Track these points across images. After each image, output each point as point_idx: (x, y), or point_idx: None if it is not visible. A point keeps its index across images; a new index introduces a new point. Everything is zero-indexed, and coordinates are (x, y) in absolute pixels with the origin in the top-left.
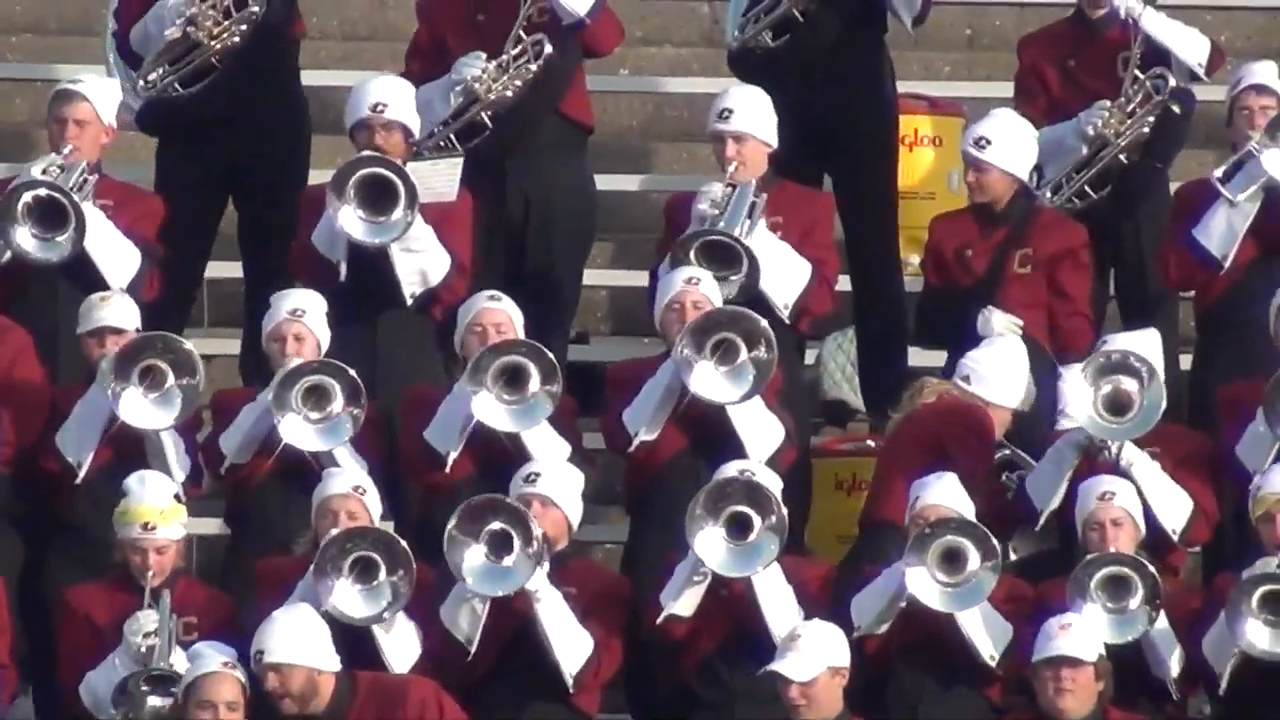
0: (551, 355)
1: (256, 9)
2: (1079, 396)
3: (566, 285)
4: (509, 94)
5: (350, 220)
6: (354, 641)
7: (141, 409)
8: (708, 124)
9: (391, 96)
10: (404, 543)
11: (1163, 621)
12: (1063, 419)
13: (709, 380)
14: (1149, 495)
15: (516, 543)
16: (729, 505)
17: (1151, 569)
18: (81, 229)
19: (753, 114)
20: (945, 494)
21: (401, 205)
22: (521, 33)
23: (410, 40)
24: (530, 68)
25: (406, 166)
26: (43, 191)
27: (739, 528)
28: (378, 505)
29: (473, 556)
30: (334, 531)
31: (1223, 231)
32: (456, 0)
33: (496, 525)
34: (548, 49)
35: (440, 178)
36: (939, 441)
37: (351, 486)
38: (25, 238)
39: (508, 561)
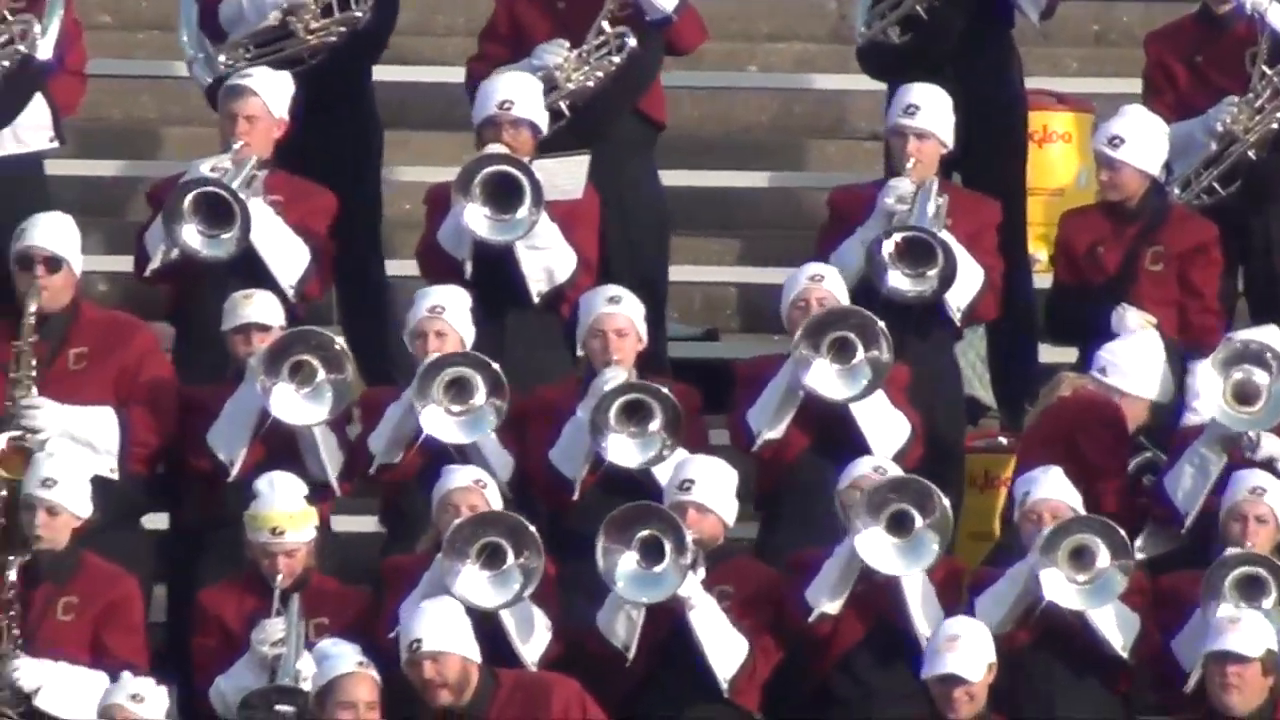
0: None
1: (359, 14)
2: (1209, 388)
3: (654, 279)
4: (589, 84)
5: (476, 218)
6: (486, 632)
7: (293, 404)
8: (888, 118)
9: (520, 94)
10: (532, 527)
11: None
12: (1189, 414)
13: (824, 378)
14: None
15: (668, 549)
16: (892, 503)
17: None
18: (246, 227)
19: (937, 113)
20: (1055, 488)
21: (527, 203)
22: (605, 24)
23: (489, 21)
24: (613, 60)
25: (532, 164)
26: (209, 189)
27: (900, 525)
28: (499, 498)
29: (625, 563)
30: (467, 511)
31: None
32: None
33: (647, 532)
34: (631, 42)
35: (566, 175)
36: (1072, 436)
37: (473, 480)
38: (192, 235)
39: (659, 568)
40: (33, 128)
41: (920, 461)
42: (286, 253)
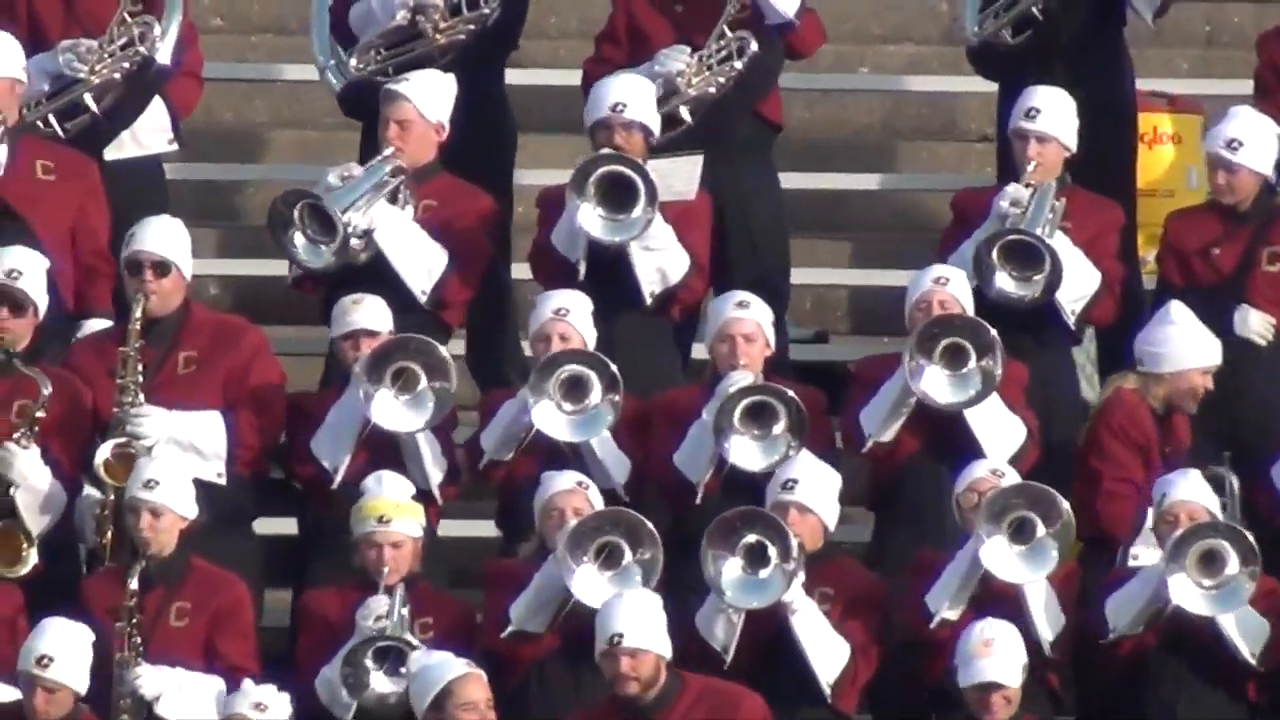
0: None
1: (488, 10)
2: None
3: (774, 281)
4: (711, 90)
5: (590, 218)
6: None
7: (394, 411)
8: (1013, 121)
9: (632, 96)
10: (649, 523)
11: None
12: None
13: (935, 384)
14: None
15: (773, 555)
16: (1015, 510)
17: None
18: (344, 240)
19: (1059, 116)
20: (1193, 490)
21: (641, 203)
22: (726, 28)
23: (607, 24)
24: (735, 65)
25: (646, 164)
26: (311, 200)
27: (1022, 532)
28: (600, 501)
29: (730, 569)
30: (571, 515)
31: None
32: None
33: (752, 538)
34: (753, 46)
35: (679, 175)
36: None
37: (575, 483)
38: (299, 240)
39: (764, 574)
40: (152, 130)
41: (1037, 464)
42: (418, 258)
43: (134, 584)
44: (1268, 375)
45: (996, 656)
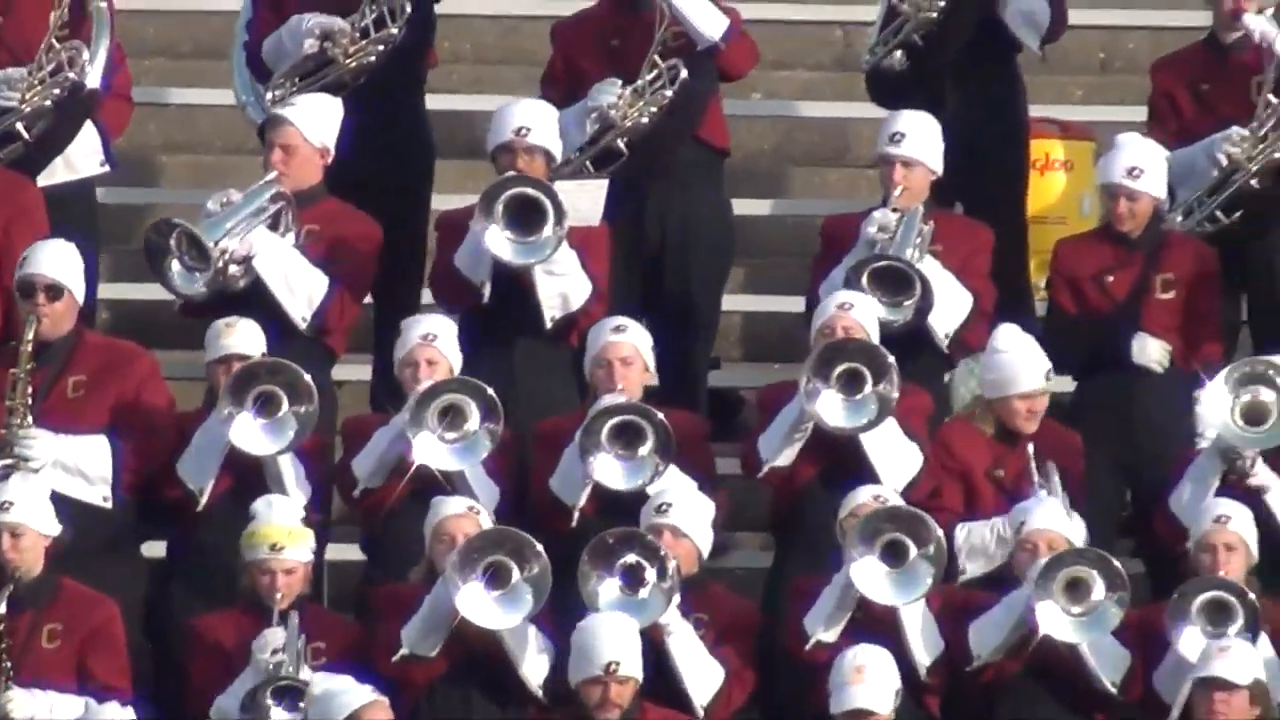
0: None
1: (394, 30)
2: (1217, 406)
3: (706, 309)
4: (645, 120)
5: (497, 240)
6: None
7: (254, 434)
8: (878, 146)
9: (535, 120)
10: (536, 542)
11: (1268, 647)
12: (1200, 441)
13: (831, 408)
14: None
15: (650, 576)
16: (887, 532)
17: (1251, 596)
18: (219, 271)
19: (923, 139)
20: (1051, 518)
21: (550, 223)
22: (657, 58)
23: (545, 66)
24: (666, 93)
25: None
26: (185, 228)
27: (895, 554)
28: (490, 525)
29: (608, 589)
30: (462, 539)
31: None
32: (592, 26)
33: (630, 558)
34: (683, 74)
35: (585, 200)
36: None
37: (466, 507)
38: (176, 267)
39: (642, 594)
40: (83, 154)
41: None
42: (298, 284)
43: (1, 608)
44: (1163, 402)
45: (868, 684)
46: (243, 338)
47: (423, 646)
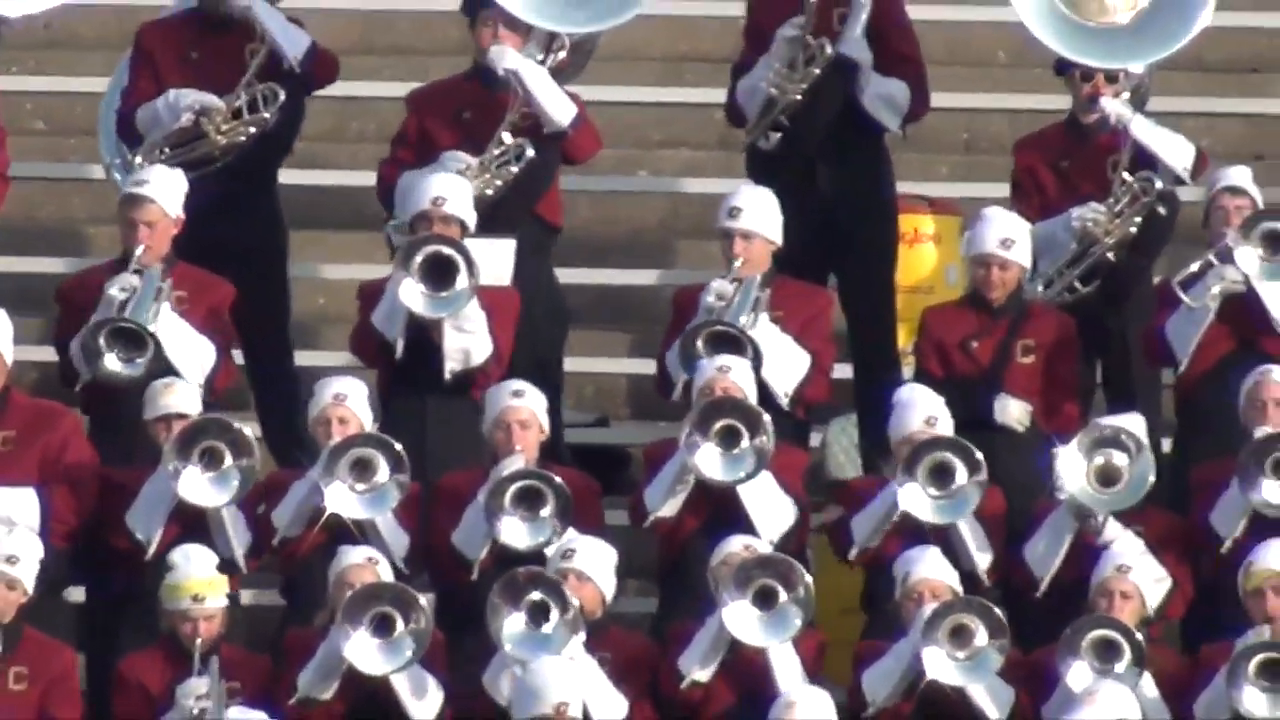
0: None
1: (267, 115)
2: (1072, 469)
3: (552, 369)
4: (489, 191)
5: (412, 294)
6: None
7: (200, 487)
8: (718, 220)
9: (451, 192)
10: (421, 597)
11: (1153, 689)
12: (1058, 494)
13: (711, 462)
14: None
15: (554, 612)
16: (758, 578)
17: (1139, 636)
18: (159, 349)
19: (760, 213)
20: (934, 568)
21: (463, 275)
22: (505, 134)
23: (399, 128)
24: (511, 169)
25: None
26: (122, 324)
27: (766, 599)
28: (390, 575)
29: (513, 624)
30: (350, 591)
31: (1183, 332)
32: (448, 96)
33: (536, 595)
34: (530, 153)
35: (495, 259)
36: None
37: (365, 558)
38: (113, 362)
39: (546, 629)
40: None
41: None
42: (193, 353)
43: None
44: (1023, 460)
45: None
46: (181, 397)
47: (318, 689)
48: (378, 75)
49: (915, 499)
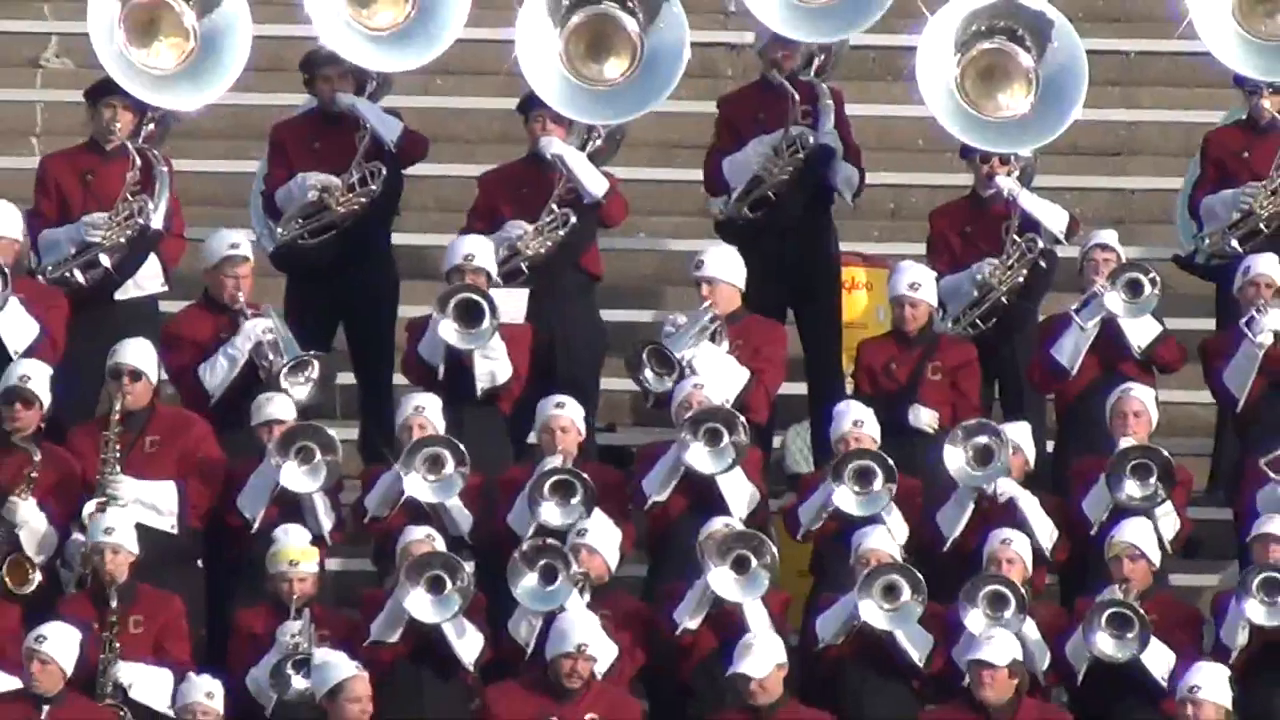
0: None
1: (374, 188)
2: (954, 458)
3: (588, 386)
4: (542, 250)
5: (449, 331)
6: (434, 641)
7: (298, 478)
8: (691, 271)
9: (479, 250)
10: (464, 562)
11: (1035, 631)
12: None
13: (699, 456)
14: (1027, 514)
15: (560, 575)
16: (736, 549)
17: (1023, 590)
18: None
19: (721, 264)
20: (880, 540)
21: (488, 319)
22: (554, 205)
23: (473, 204)
24: (560, 232)
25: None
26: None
27: (742, 566)
28: (441, 548)
29: (527, 581)
30: (408, 560)
31: (1071, 349)
32: (509, 177)
33: (545, 561)
34: (573, 219)
35: (512, 304)
36: None
37: (425, 534)
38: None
39: (552, 588)
40: (149, 277)
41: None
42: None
43: (114, 602)
44: (934, 459)
45: (753, 656)
46: (279, 407)
47: (387, 635)
48: (437, 158)
49: (844, 497)
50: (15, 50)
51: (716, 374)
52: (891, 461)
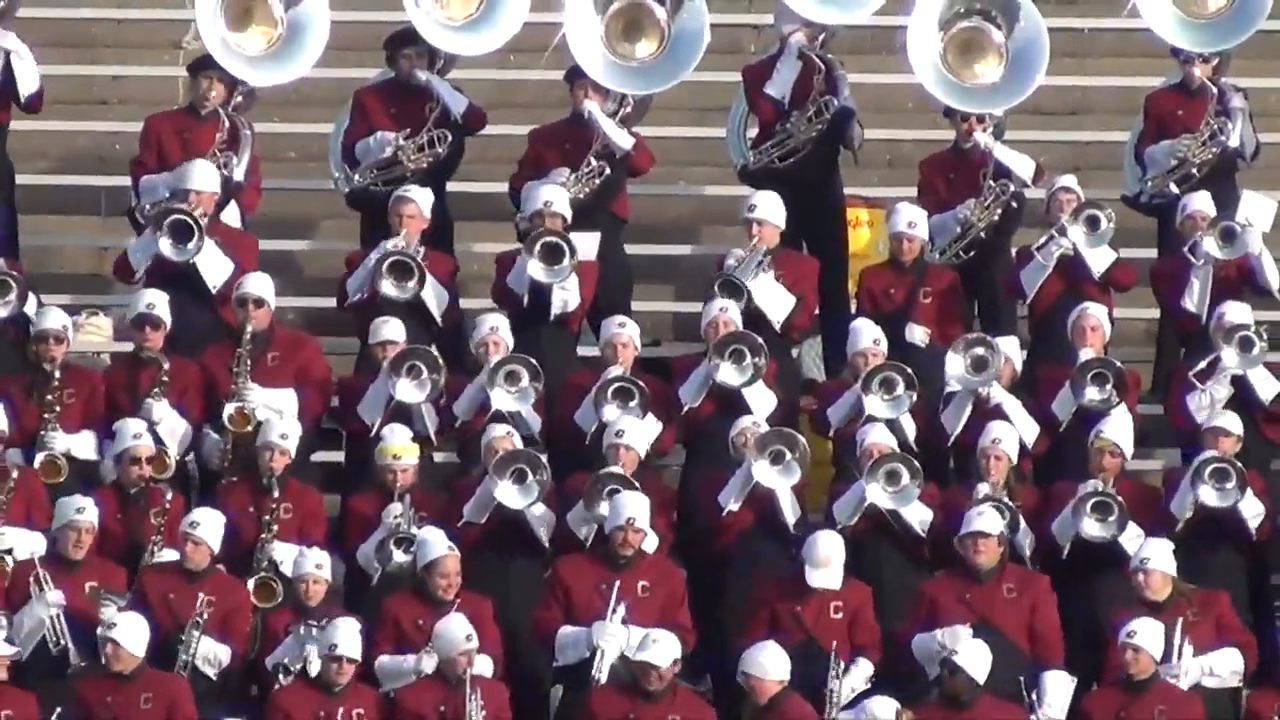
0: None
1: (440, 150)
2: (955, 363)
3: (623, 312)
4: (581, 196)
5: (536, 269)
6: (518, 524)
7: (409, 391)
8: (741, 214)
9: (556, 198)
10: (542, 457)
11: (1022, 522)
12: (950, 384)
13: (728, 373)
14: (1012, 415)
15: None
16: (773, 444)
17: (1004, 497)
18: (423, 281)
19: (768, 207)
20: (880, 434)
21: (568, 258)
22: (592, 159)
23: (523, 155)
24: (595, 181)
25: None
26: (398, 258)
27: (778, 459)
28: (519, 443)
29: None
30: (501, 452)
31: (1032, 278)
32: (554, 135)
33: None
34: (607, 169)
35: (586, 245)
36: None
37: (506, 432)
38: (388, 288)
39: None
40: (230, 220)
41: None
42: (438, 295)
43: (276, 493)
44: (926, 366)
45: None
46: (393, 329)
47: (477, 517)
48: (501, 121)
49: (874, 404)
50: (161, 34)
51: (772, 300)
52: (911, 372)
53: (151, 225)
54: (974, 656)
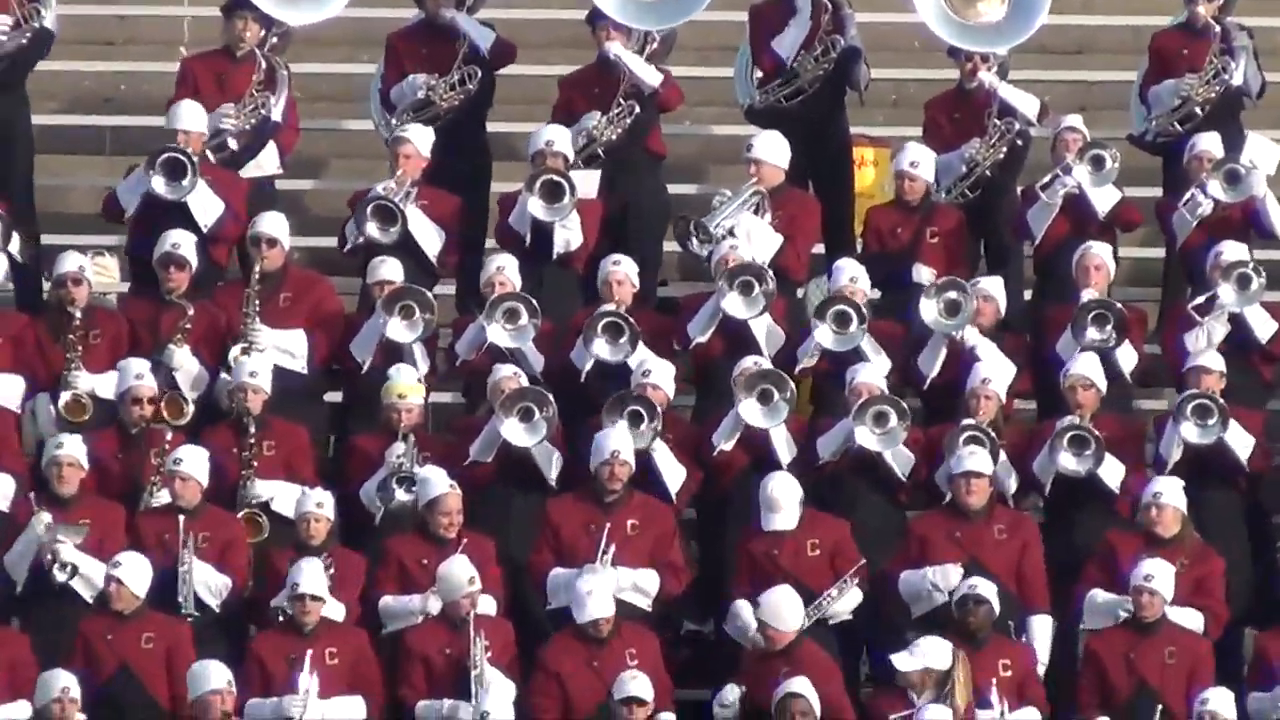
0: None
1: (471, 88)
2: (928, 310)
3: (655, 249)
4: (614, 137)
5: (536, 206)
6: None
7: (400, 330)
8: (744, 154)
9: (557, 137)
10: (549, 394)
11: (1001, 455)
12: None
13: (735, 305)
14: (985, 359)
15: (645, 420)
16: (759, 384)
17: (992, 434)
18: (405, 223)
19: (767, 147)
20: (870, 374)
21: (568, 196)
22: (621, 99)
23: (555, 103)
24: (627, 120)
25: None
26: (381, 201)
27: (766, 398)
28: (526, 382)
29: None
30: (508, 391)
31: (1038, 218)
32: (585, 80)
33: (635, 408)
34: (637, 109)
35: (586, 183)
36: None
37: (512, 372)
38: (373, 230)
39: (641, 428)
40: (268, 159)
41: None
42: (431, 237)
43: (252, 429)
44: (911, 312)
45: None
46: (390, 269)
47: (483, 455)
48: (524, 61)
49: (824, 335)
50: None
51: (754, 240)
52: (864, 307)
53: (144, 164)
54: (991, 590)
